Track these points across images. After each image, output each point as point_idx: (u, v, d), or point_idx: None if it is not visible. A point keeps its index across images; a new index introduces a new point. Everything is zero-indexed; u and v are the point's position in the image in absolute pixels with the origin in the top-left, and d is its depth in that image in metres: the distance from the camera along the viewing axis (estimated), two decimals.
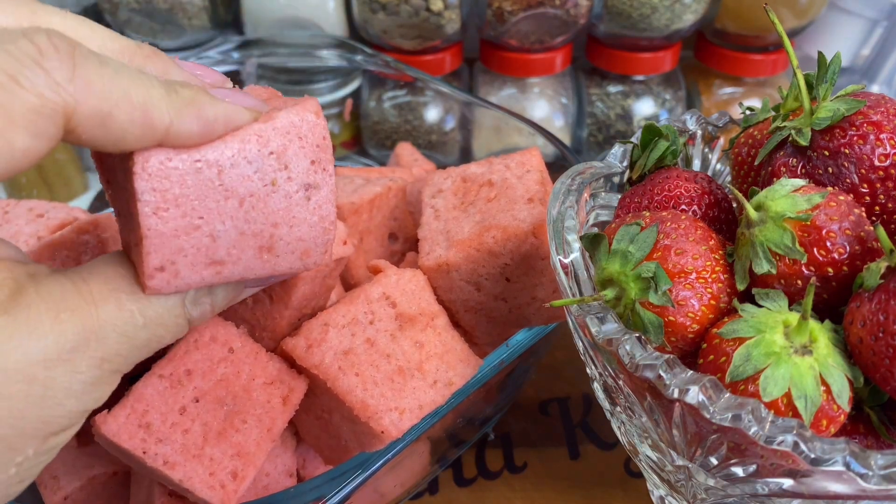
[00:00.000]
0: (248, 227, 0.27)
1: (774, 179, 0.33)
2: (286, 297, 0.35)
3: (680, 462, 0.31)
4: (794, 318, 0.28)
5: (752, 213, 0.30)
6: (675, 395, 0.27)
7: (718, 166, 0.43)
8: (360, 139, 0.75)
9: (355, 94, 0.72)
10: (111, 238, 0.37)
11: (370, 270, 0.39)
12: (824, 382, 0.26)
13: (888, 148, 0.30)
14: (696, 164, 0.42)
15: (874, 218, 0.31)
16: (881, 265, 0.26)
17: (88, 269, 0.26)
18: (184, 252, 0.26)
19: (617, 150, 0.39)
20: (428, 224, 0.42)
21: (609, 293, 0.30)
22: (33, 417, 0.23)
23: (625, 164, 0.39)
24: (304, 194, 0.28)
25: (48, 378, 0.23)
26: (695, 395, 0.26)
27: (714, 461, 0.29)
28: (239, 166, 0.26)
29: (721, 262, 0.30)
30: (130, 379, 0.36)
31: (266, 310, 0.35)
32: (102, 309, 0.25)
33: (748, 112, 0.39)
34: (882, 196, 0.30)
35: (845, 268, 0.28)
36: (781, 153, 0.33)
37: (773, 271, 0.29)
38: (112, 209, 0.30)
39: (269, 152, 0.27)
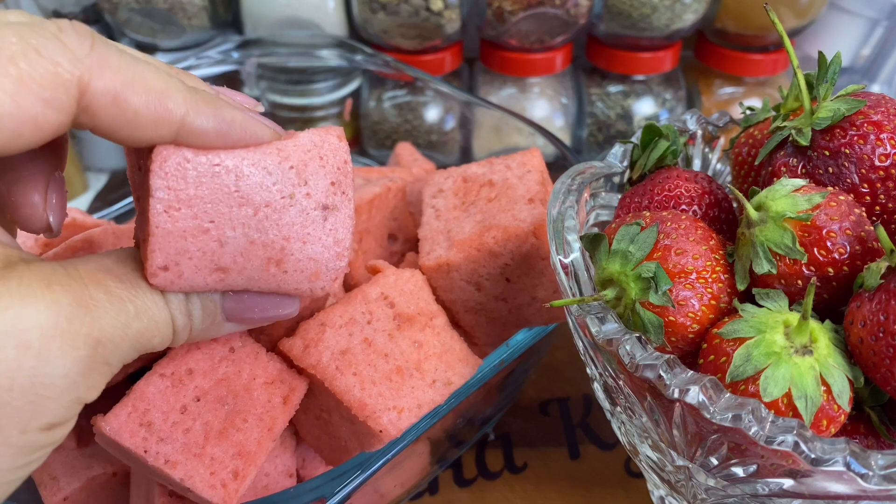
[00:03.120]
0: (259, 237, 0.27)
1: (775, 179, 0.33)
2: None
3: (680, 462, 0.31)
4: (794, 318, 0.28)
5: (753, 213, 0.30)
6: (676, 395, 0.27)
7: (719, 166, 0.43)
8: (360, 139, 0.75)
9: (355, 94, 0.72)
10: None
11: (369, 271, 0.39)
12: (825, 382, 0.26)
13: (888, 148, 0.30)
14: (697, 164, 0.42)
15: (874, 218, 0.31)
16: (881, 265, 0.26)
17: (77, 260, 0.25)
18: (189, 254, 0.26)
19: (617, 150, 0.39)
20: (428, 224, 0.42)
21: (609, 293, 0.30)
22: (22, 391, 0.22)
23: (625, 164, 0.39)
24: (322, 214, 0.28)
25: (43, 348, 0.22)
26: (695, 396, 0.26)
27: (714, 461, 0.29)
28: (258, 175, 0.26)
29: (721, 262, 0.30)
30: (131, 378, 0.36)
31: None
32: (93, 289, 0.24)
33: (748, 112, 0.39)
34: (882, 196, 0.30)
35: (846, 268, 0.28)
36: (782, 153, 0.33)
37: (774, 271, 0.29)
38: (132, 201, 0.30)
39: (289, 166, 0.27)
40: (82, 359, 0.23)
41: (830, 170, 0.31)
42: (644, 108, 0.73)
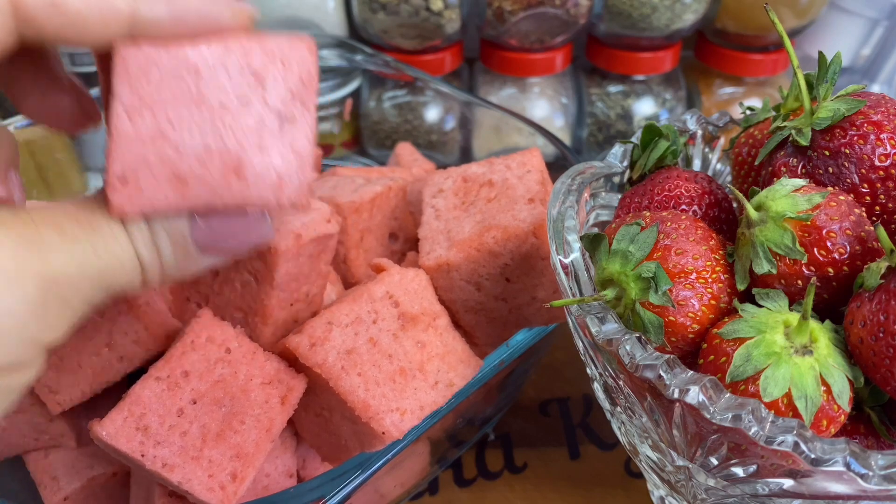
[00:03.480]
0: (215, 143, 0.26)
1: (775, 179, 0.33)
2: (269, 276, 0.34)
3: (680, 462, 0.31)
4: (794, 318, 0.28)
5: (753, 213, 0.30)
6: (676, 395, 0.26)
7: (719, 166, 0.43)
8: (360, 139, 0.75)
9: (355, 94, 0.72)
10: None
11: (373, 269, 0.39)
12: (825, 382, 0.26)
13: (888, 148, 0.30)
14: (697, 164, 0.42)
15: (874, 218, 0.31)
16: (881, 265, 0.26)
17: (35, 204, 0.24)
18: (147, 163, 0.25)
19: (617, 150, 0.39)
20: (428, 224, 0.42)
21: (609, 293, 0.30)
22: None
23: (625, 164, 0.39)
24: (277, 123, 0.27)
25: None
26: (695, 396, 0.26)
27: (714, 461, 0.29)
28: (217, 74, 0.25)
29: (721, 262, 0.30)
30: (128, 381, 0.36)
31: (254, 292, 0.35)
32: (44, 229, 0.23)
33: (748, 112, 0.39)
34: (882, 196, 0.30)
35: (846, 268, 0.28)
36: (782, 153, 0.33)
37: (774, 271, 0.29)
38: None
39: (249, 68, 0.26)
40: (31, 297, 0.22)
41: (830, 170, 0.31)
42: (644, 108, 0.73)
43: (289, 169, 0.27)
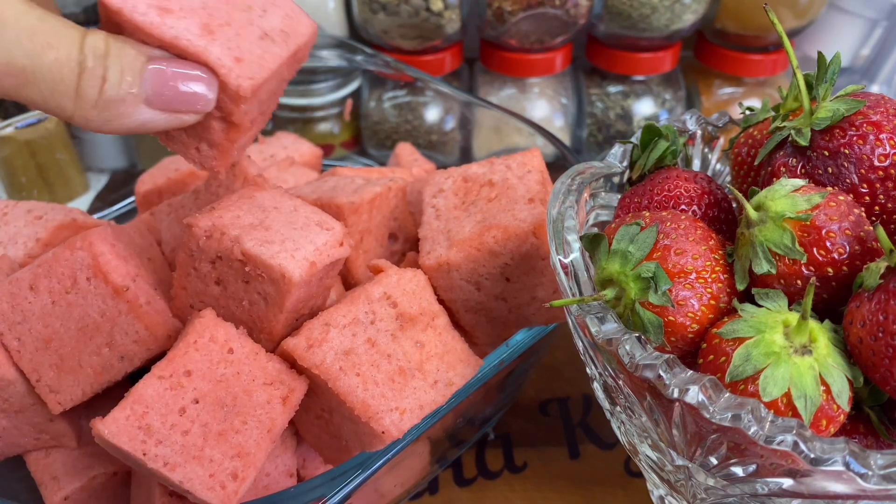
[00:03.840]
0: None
1: (774, 179, 0.33)
2: (280, 301, 0.35)
3: (680, 462, 0.31)
4: (793, 318, 0.28)
5: (752, 213, 0.30)
6: (675, 395, 0.27)
7: (718, 166, 0.43)
8: (360, 139, 0.75)
9: (355, 94, 0.72)
10: (107, 253, 0.36)
11: (371, 270, 0.39)
12: (824, 382, 0.27)
13: (888, 148, 0.30)
14: (696, 164, 0.42)
15: (874, 218, 0.31)
16: (881, 265, 0.26)
17: None
18: None
19: (617, 150, 0.39)
20: (429, 223, 0.42)
21: (609, 293, 0.30)
22: None
23: (625, 164, 0.39)
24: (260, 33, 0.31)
25: None
26: (695, 395, 0.26)
27: (714, 461, 0.29)
28: None
29: (721, 262, 0.30)
30: (130, 380, 0.36)
31: (262, 311, 0.35)
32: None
33: (748, 112, 0.39)
34: (882, 196, 0.30)
35: (845, 268, 0.28)
36: (781, 153, 0.33)
37: (773, 271, 0.29)
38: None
39: None
40: None
41: (830, 170, 0.31)
42: (644, 108, 0.73)
43: (251, 58, 0.30)
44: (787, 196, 0.29)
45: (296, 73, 0.35)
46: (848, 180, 0.31)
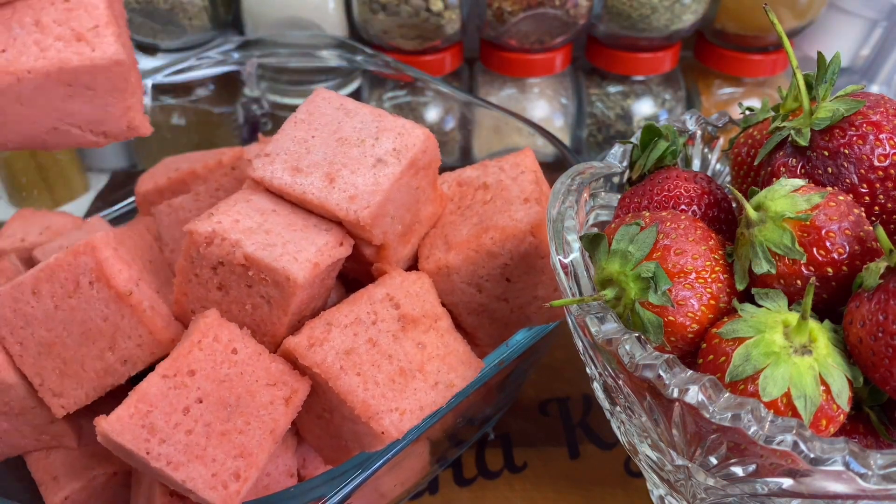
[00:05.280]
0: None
1: (774, 179, 0.33)
2: (284, 304, 0.35)
3: (680, 462, 0.31)
4: (793, 318, 0.28)
5: (752, 213, 0.30)
6: (675, 394, 0.27)
7: (718, 166, 0.43)
8: None
9: (355, 94, 0.72)
10: (110, 258, 0.36)
11: (375, 272, 0.39)
12: (824, 382, 0.27)
13: (888, 148, 0.30)
14: (696, 164, 0.42)
15: (874, 218, 0.31)
16: (881, 265, 0.27)
17: None
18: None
19: (617, 150, 0.39)
20: None
21: (609, 293, 0.30)
22: None
23: (625, 164, 0.39)
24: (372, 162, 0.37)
25: None
26: (694, 395, 0.26)
27: (714, 461, 0.29)
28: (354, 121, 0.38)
29: (721, 262, 0.30)
30: (133, 380, 0.36)
31: (265, 314, 0.36)
32: None
33: (748, 112, 0.39)
34: (882, 196, 0.30)
35: (845, 268, 0.28)
36: (781, 153, 0.33)
37: (773, 271, 0.29)
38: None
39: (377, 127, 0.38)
40: None
41: (829, 170, 0.31)
42: (643, 108, 0.73)
43: (364, 189, 0.36)
44: (787, 196, 0.29)
45: (436, 173, 0.40)
46: (848, 180, 0.31)
